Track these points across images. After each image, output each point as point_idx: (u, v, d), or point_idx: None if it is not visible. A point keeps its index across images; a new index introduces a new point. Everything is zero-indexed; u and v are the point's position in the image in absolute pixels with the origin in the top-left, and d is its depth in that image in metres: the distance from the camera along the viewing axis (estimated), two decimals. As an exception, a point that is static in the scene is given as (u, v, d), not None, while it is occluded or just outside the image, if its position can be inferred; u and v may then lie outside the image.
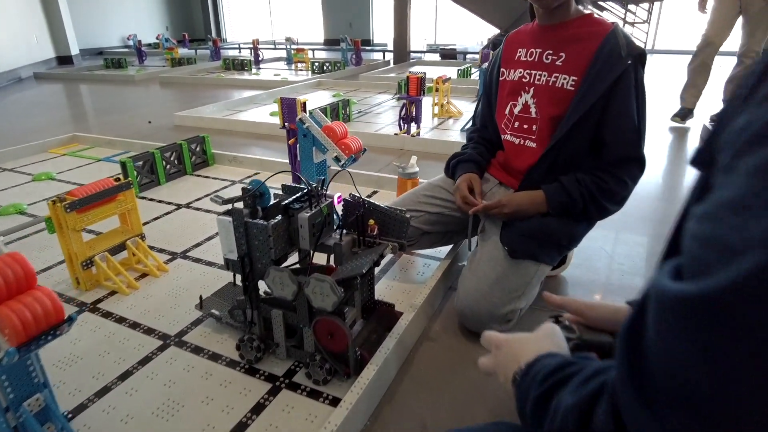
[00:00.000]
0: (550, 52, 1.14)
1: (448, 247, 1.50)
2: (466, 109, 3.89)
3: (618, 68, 1.06)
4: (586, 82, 1.08)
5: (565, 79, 1.12)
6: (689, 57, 3.37)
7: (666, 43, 9.01)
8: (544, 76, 1.16)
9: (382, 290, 1.39)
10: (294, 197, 1.03)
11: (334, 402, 0.99)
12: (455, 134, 3.17)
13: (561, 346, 0.58)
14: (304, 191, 1.04)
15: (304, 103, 2.00)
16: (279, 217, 0.99)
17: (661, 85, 4.93)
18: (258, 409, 0.98)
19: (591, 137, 1.12)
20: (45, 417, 0.87)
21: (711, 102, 3.79)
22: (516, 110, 1.22)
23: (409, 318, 1.14)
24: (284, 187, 1.13)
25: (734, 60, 3.13)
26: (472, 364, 1.12)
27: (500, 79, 1.27)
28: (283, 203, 1.01)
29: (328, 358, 1.02)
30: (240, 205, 1.02)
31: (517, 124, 1.22)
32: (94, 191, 1.38)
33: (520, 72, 1.21)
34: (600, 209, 1.15)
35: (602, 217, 1.19)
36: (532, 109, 1.19)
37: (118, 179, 1.46)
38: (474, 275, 1.17)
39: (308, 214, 0.99)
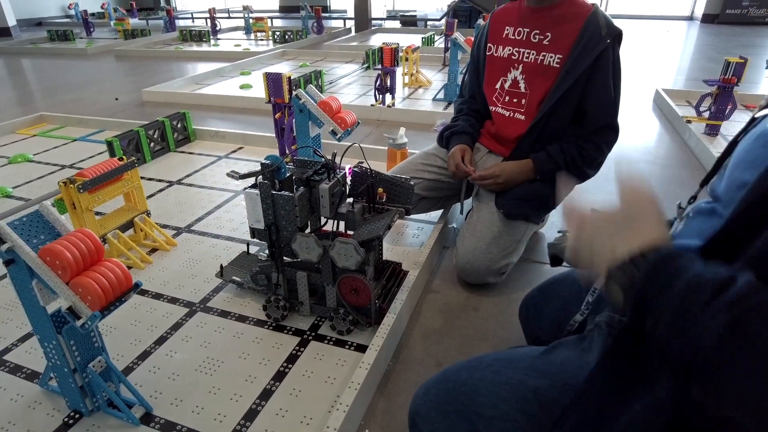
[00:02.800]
0: (538, 32, 1.27)
1: (439, 212, 1.64)
2: (434, 78, 4.00)
3: (599, 46, 1.20)
4: (570, 59, 1.22)
5: (551, 57, 1.25)
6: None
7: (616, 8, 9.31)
8: (533, 54, 1.28)
9: (385, 252, 1.52)
10: (313, 170, 1.13)
11: (359, 348, 1.13)
12: (427, 103, 3.28)
13: (663, 229, 0.50)
14: (321, 164, 1.15)
15: (290, 78, 2.06)
16: (302, 189, 1.10)
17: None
18: (292, 359, 1.11)
19: (574, 109, 1.27)
20: (105, 377, 0.97)
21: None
22: (506, 85, 1.35)
23: (415, 274, 1.29)
24: (296, 161, 1.22)
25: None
26: (472, 310, 1.28)
27: (487, 54, 1.39)
28: (305, 176, 1.11)
29: (352, 311, 1.15)
30: (260, 178, 1.12)
31: (507, 98, 1.35)
32: (101, 172, 1.43)
33: (509, 50, 1.33)
34: (581, 174, 1.31)
35: (582, 181, 1.35)
36: (522, 85, 1.32)
37: (122, 159, 1.51)
38: (473, 235, 1.31)
39: (328, 185, 1.10)
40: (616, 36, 1.23)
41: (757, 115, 0.64)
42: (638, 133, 2.68)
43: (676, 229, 0.73)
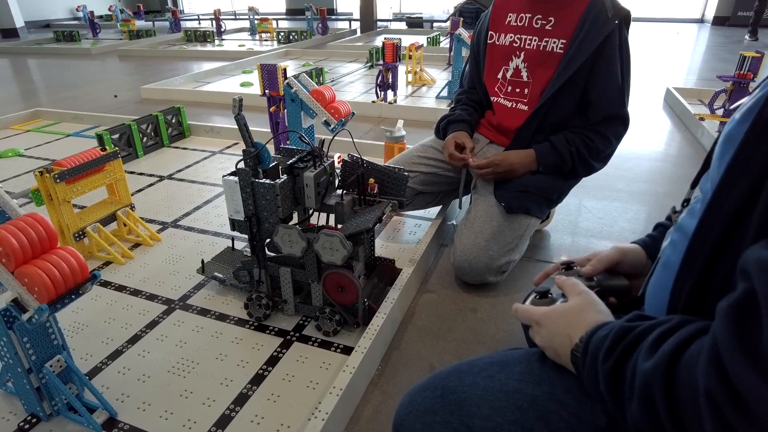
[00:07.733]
0: (540, 16, 1.18)
1: (437, 209, 1.55)
2: (438, 77, 3.92)
3: (605, 29, 1.11)
4: (574, 43, 1.13)
5: (554, 42, 1.16)
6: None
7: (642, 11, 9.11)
8: (535, 40, 1.19)
9: (379, 249, 1.43)
10: (298, 157, 1.05)
11: (346, 350, 1.04)
12: (431, 101, 3.20)
13: (606, 312, 0.57)
14: (307, 152, 1.07)
15: (285, 69, 1.98)
16: (285, 177, 1.02)
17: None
18: (273, 361, 1.02)
19: (578, 97, 1.17)
20: (66, 377, 0.89)
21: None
22: (508, 75, 1.26)
23: (409, 272, 1.20)
24: (282, 150, 1.14)
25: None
26: (469, 312, 1.19)
27: (489, 42, 1.30)
28: (289, 162, 1.03)
29: (339, 309, 1.06)
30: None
31: (510, 88, 1.26)
32: (80, 162, 1.36)
33: (511, 37, 1.24)
34: (587, 167, 1.22)
35: (588, 174, 1.26)
36: (524, 73, 1.23)
37: (104, 149, 1.44)
38: (471, 231, 1.22)
39: (313, 173, 1.02)
40: (624, 17, 1.14)
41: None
42: (649, 132, 2.58)
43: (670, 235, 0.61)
